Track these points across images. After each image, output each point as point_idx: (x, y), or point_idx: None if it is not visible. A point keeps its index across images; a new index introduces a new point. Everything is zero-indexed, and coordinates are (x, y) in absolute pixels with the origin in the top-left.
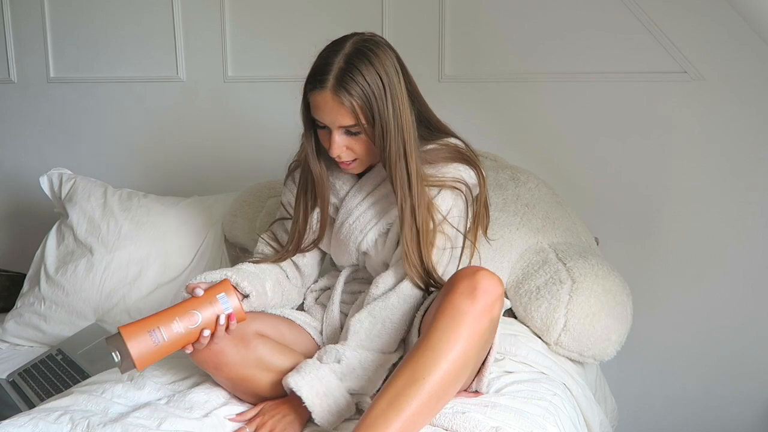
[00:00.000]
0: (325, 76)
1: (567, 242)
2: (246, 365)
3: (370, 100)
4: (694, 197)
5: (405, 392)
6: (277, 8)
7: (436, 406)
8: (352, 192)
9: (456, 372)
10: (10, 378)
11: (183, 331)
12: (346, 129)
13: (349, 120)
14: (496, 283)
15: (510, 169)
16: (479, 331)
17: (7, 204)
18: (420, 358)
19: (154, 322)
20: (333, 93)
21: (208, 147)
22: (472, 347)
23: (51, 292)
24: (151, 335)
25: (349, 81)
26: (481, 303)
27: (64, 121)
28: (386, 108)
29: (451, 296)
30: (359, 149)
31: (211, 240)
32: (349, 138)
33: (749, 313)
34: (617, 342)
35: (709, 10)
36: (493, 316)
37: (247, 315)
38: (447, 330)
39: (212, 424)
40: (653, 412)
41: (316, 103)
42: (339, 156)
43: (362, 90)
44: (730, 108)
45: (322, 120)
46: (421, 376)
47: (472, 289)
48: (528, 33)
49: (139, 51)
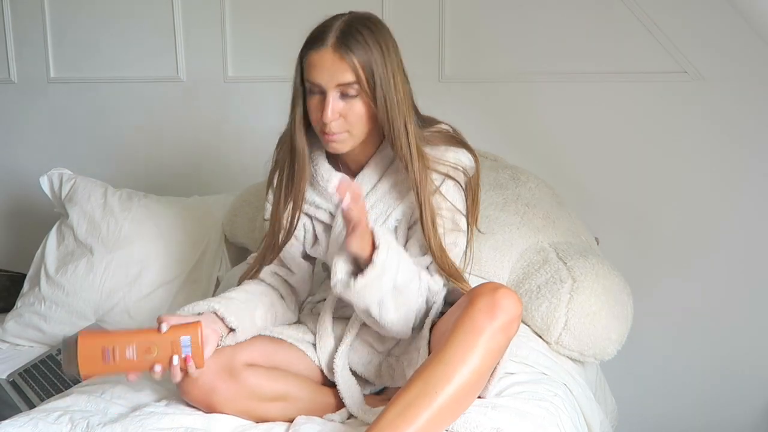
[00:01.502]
0: (326, 35)
1: (567, 242)
2: (239, 399)
3: (371, 64)
4: (694, 197)
5: (416, 403)
6: (277, 8)
7: (446, 420)
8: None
9: (469, 387)
10: (10, 378)
11: (135, 358)
12: (342, 91)
13: (348, 76)
14: (515, 302)
15: (510, 169)
16: (495, 349)
17: (7, 204)
18: (434, 371)
19: (111, 340)
20: (334, 49)
21: (208, 147)
22: (486, 364)
23: (51, 292)
24: (104, 351)
25: (351, 39)
26: (499, 321)
27: (64, 121)
28: (387, 75)
29: (469, 311)
30: (352, 118)
31: (211, 240)
32: (344, 103)
33: (749, 313)
34: (618, 341)
35: (709, 10)
36: (510, 334)
37: (236, 345)
38: (463, 345)
39: (216, 420)
40: (653, 412)
41: (313, 62)
42: (330, 124)
43: (363, 50)
44: (730, 108)
45: (319, 79)
46: (434, 390)
47: (491, 307)
48: (528, 33)
49: (140, 51)
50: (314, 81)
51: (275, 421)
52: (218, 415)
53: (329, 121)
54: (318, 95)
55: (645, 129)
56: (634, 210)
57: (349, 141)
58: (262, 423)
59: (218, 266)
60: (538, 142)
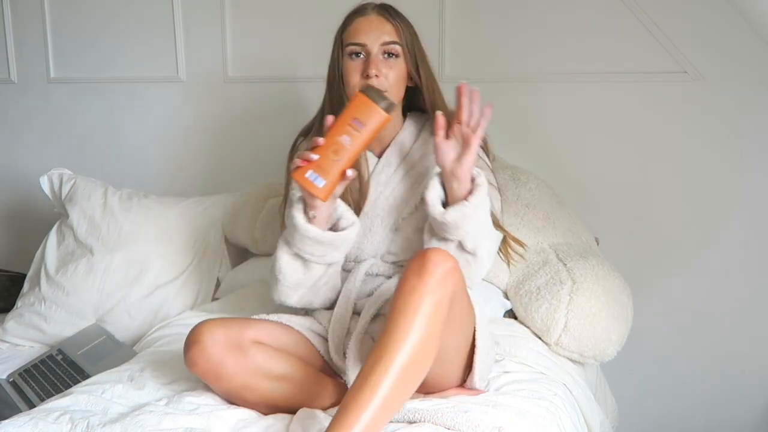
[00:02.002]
0: (367, 8)
1: (567, 242)
2: (245, 374)
3: (408, 32)
4: (694, 197)
5: (373, 376)
6: (277, 8)
7: (408, 386)
8: (379, 167)
9: (419, 350)
10: (11, 378)
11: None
12: (386, 50)
13: (393, 35)
14: (444, 257)
15: (510, 170)
16: (434, 306)
17: (7, 204)
18: (382, 342)
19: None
20: (378, 13)
21: (208, 147)
22: (430, 324)
23: (51, 292)
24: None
25: (391, 9)
26: (430, 277)
27: (64, 121)
28: (419, 49)
29: (403, 276)
30: (392, 76)
31: (211, 240)
32: (386, 61)
33: (750, 313)
34: (617, 342)
35: (709, 10)
36: (448, 289)
37: (245, 321)
38: (402, 310)
39: (215, 421)
40: (653, 413)
41: (357, 27)
42: (372, 80)
43: (402, 20)
44: (730, 108)
45: (365, 39)
46: (386, 359)
47: (420, 266)
48: (528, 33)
49: (140, 51)
50: (360, 41)
51: (275, 404)
52: (218, 414)
53: (373, 76)
54: (359, 59)
55: (645, 129)
56: (634, 210)
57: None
58: (261, 418)
59: (218, 266)
60: (538, 142)
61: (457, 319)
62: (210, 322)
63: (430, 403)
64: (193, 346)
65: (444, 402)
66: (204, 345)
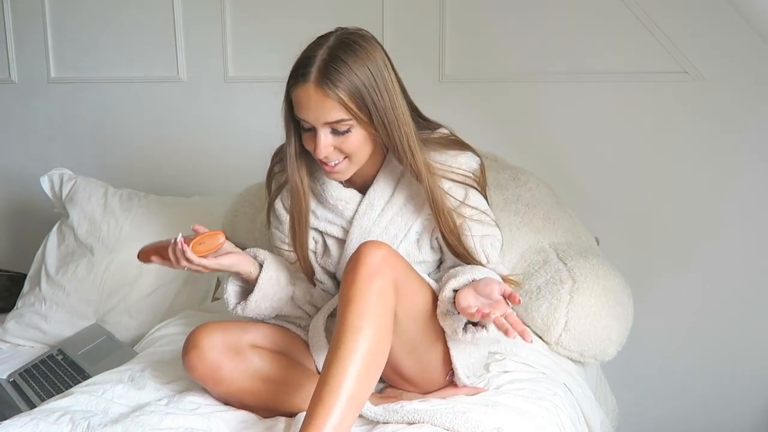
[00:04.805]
0: (308, 69)
1: (567, 242)
2: (242, 377)
3: (361, 92)
4: (694, 197)
5: (332, 374)
6: (277, 8)
7: (368, 378)
8: (362, 210)
9: (372, 341)
10: (11, 378)
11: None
12: (332, 127)
13: (336, 114)
14: (376, 246)
15: (510, 170)
16: (376, 294)
17: (8, 204)
18: (335, 339)
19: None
20: (316, 85)
21: (208, 147)
22: (379, 313)
23: (51, 293)
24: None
25: (333, 72)
26: (366, 268)
27: (64, 121)
28: (381, 97)
29: (343, 275)
30: (348, 148)
31: None
32: (337, 137)
33: (750, 313)
34: (618, 342)
35: (709, 10)
36: (387, 276)
37: (242, 325)
38: (348, 305)
39: (216, 421)
40: (653, 413)
41: (299, 99)
42: (326, 157)
43: (349, 81)
44: (730, 108)
45: (306, 117)
46: (342, 355)
47: (355, 260)
48: (528, 33)
49: (140, 51)
50: (302, 117)
51: (274, 407)
52: (219, 415)
53: (322, 156)
54: (310, 132)
55: (645, 129)
56: (634, 210)
57: (351, 168)
58: (262, 420)
59: None
60: (538, 142)
61: (411, 304)
62: (208, 326)
63: (429, 404)
64: (192, 350)
65: (443, 403)
66: (202, 350)
